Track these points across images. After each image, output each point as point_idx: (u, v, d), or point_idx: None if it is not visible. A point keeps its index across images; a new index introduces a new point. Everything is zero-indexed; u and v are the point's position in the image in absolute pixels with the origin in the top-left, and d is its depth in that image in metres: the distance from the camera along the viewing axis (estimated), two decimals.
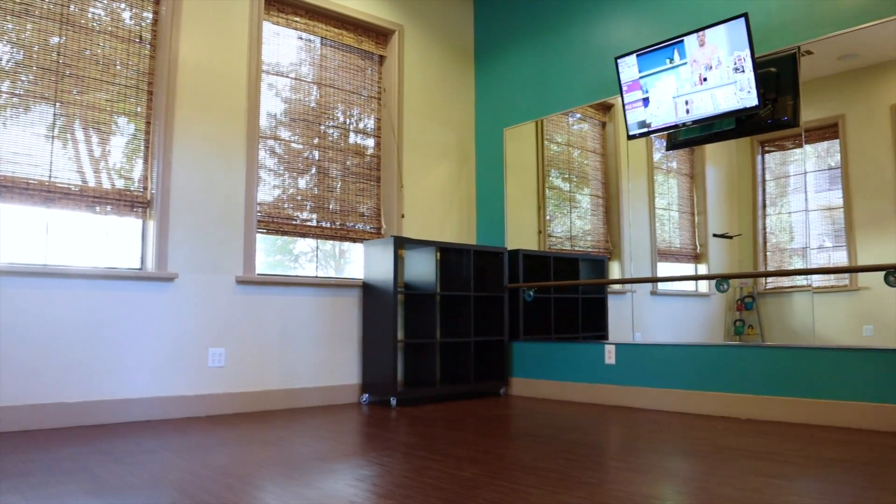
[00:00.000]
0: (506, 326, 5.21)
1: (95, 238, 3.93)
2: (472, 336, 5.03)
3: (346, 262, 5.16)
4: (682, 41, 4.16)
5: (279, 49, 4.79)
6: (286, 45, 4.84)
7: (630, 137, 4.54)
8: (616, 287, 4.82)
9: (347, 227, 5.03)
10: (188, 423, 3.77)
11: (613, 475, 2.46)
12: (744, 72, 3.90)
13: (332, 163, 5.00)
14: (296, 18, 4.85)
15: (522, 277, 5.29)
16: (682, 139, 4.44)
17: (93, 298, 3.78)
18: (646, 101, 4.39)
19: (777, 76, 3.99)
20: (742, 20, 3.86)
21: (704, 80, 4.08)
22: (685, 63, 4.16)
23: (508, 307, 5.32)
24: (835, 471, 2.51)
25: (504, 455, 2.84)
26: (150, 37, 4.19)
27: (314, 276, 4.74)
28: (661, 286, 4.58)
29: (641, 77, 4.39)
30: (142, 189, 4.07)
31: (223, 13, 4.43)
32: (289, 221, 4.72)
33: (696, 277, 4.40)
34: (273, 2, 4.73)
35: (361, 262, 4.93)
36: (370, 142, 5.26)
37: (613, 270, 4.88)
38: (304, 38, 4.94)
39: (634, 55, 4.40)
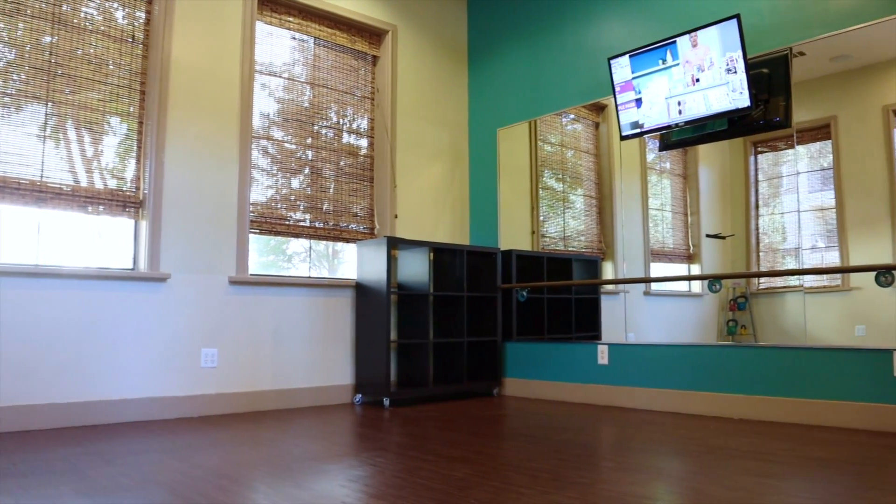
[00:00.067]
0: (499, 327, 5.22)
1: (88, 238, 3.92)
2: (466, 336, 5.04)
3: (340, 263, 5.16)
4: (675, 42, 4.17)
5: (272, 49, 4.79)
6: (279, 45, 4.83)
7: (623, 138, 4.55)
8: (609, 287, 4.82)
9: (341, 228, 5.03)
10: (180, 424, 3.76)
11: (605, 475, 2.46)
12: (736, 73, 3.91)
13: (326, 163, 4.99)
14: (289, 18, 4.84)
15: (515, 278, 5.29)
16: (675, 140, 4.45)
17: (85, 299, 3.76)
18: (638, 102, 4.40)
19: (769, 77, 4.00)
20: (734, 21, 3.87)
21: (697, 81, 4.09)
22: (678, 64, 4.17)
23: (501, 307, 5.32)
24: (826, 471, 2.52)
25: (496, 455, 2.84)
26: (143, 36, 4.18)
27: (307, 277, 4.73)
28: (655, 286, 4.59)
29: (634, 78, 4.40)
30: (134, 189, 4.06)
31: (216, 13, 4.42)
32: (282, 221, 4.71)
33: (689, 278, 4.41)
34: (266, 2, 4.72)
35: (355, 263, 4.93)
36: (363, 142, 5.26)
37: (607, 271, 4.88)
38: (298, 39, 4.94)
39: (627, 56, 4.41)
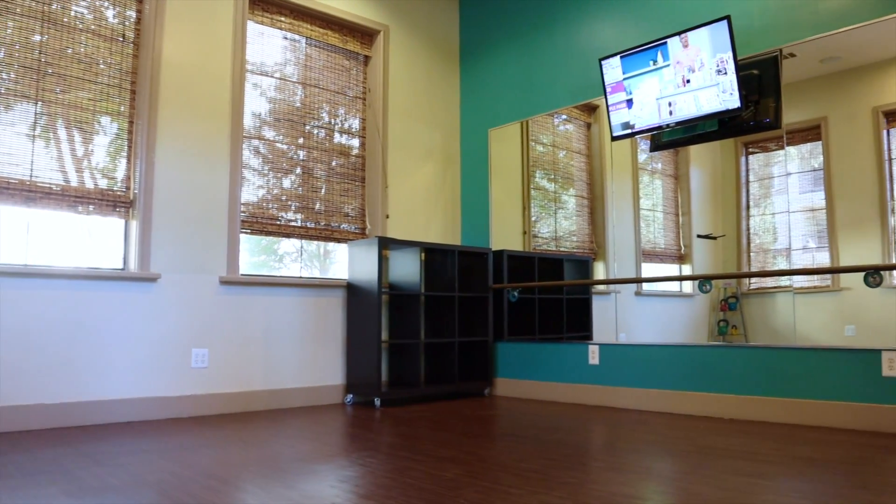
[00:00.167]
0: (490, 327, 5.22)
1: (77, 238, 3.90)
2: (457, 336, 5.04)
3: (331, 263, 5.15)
4: (666, 43, 4.18)
5: (264, 49, 4.78)
6: (271, 45, 4.82)
7: (614, 139, 4.56)
8: (601, 287, 4.84)
9: (332, 228, 5.02)
10: (171, 425, 3.75)
11: (595, 475, 2.47)
12: (726, 74, 3.93)
13: (317, 163, 4.98)
14: (280, 18, 4.83)
15: (507, 278, 5.30)
16: (666, 141, 4.47)
17: (74, 299, 3.75)
18: (629, 103, 4.41)
19: (759, 78, 4.02)
20: (724, 23, 3.88)
21: (687, 82, 4.11)
22: (668, 65, 4.18)
23: (493, 308, 5.33)
24: (815, 470, 2.54)
25: (486, 455, 2.85)
26: (134, 35, 4.16)
27: (298, 277, 4.73)
28: (646, 287, 4.60)
29: (625, 78, 4.41)
30: (124, 189, 4.05)
31: (207, 12, 4.41)
32: (273, 222, 4.70)
33: (681, 278, 4.42)
34: (258, 1, 4.71)
35: (346, 263, 4.93)
36: (355, 142, 5.25)
37: (598, 271, 4.90)
38: (289, 38, 4.93)
39: (618, 57, 4.42)
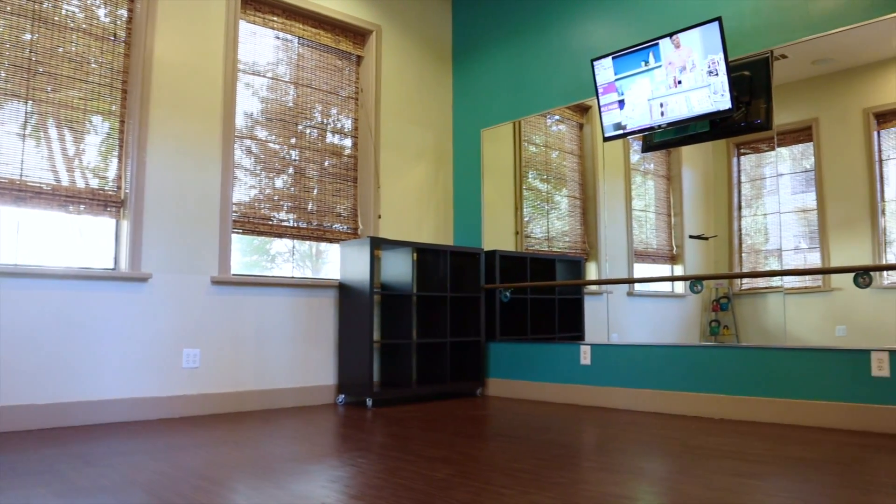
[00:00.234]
0: (482, 327, 5.22)
1: (68, 238, 3.89)
2: (449, 337, 5.04)
3: (323, 263, 5.15)
4: (657, 44, 4.19)
5: (256, 48, 4.77)
6: (263, 45, 4.81)
7: (606, 139, 4.57)
8: (593, 288, 4.84)
9: (324, 228, 5.02)
10: (162, 425, 3.73)
11: (586, 475, 2.47)
12: (717, 75, 3.94)
13: (309, 163, 4.98)
14: (273, 18, 4.83)
15: (499, 278, 5.30)
16: (657, 141, 4.48)
17: (65, 299, 3.73)
18: (621, 104, 4.42)
19: (750, 80, 4.03)
20: (716, 24, 3.90)
21: (679, 83, 4.12)
22: (660, 66, 4.20)
23: (485, 308, 5.33)
24: (805, 470, 2.55)
25: (478, 456, 2.85)
26: (125, 34, 4.15)
27: (290, 277, 4.72)
28: (638, 287, 4.61)
29: (617, 79, 4.42)
30: (115, 188, 4.03)
31: (199, 11, 4.39)
32: (265, 221, 4.69)
33: (672, 279, 4.44)
34: (250, 1, 4.70)
35: (338, 263, 4.92)
36: (347, 142, 5.25)
37: (590, 271, 4.90)
38: (282, 38, 4.92)
39: (610, 57, 4.43)
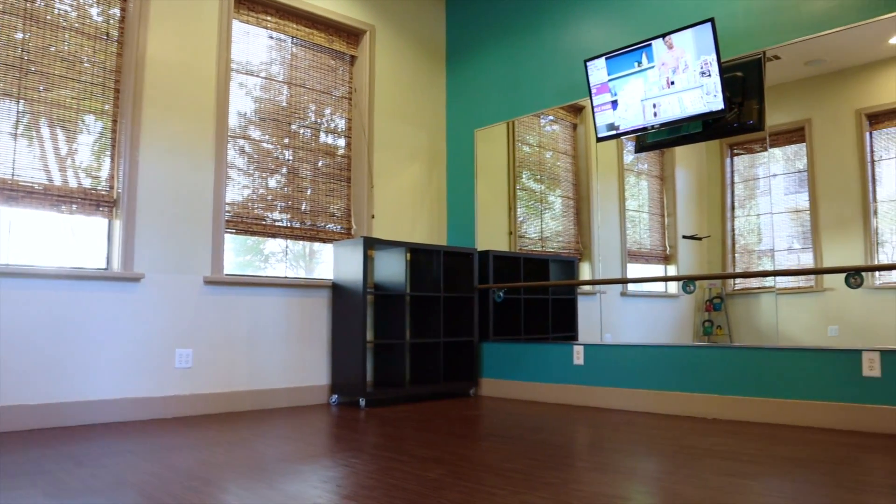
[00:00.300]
0: (475, 327, 5.23)
1: (60, 237, 3.87)
2: (442, 337, 5.04)
3: (317, 263, 5.14)
4: (650, 45, 4.20)
5: (249, 48, 4.76)
6: (256, 44, 4.81)
7: (599, 140, 4.58)
8: (586, 288, 4.85)
9: (317, 228, 5.01)
10: (154, 425, 3.73)
11: (578, 475, 2.48)
12: (710, 76, 3.95)
13: (303, 163, 4.97)
14: (266, 17, 4.82)
15: (492, 278, 5.30)
16: (651, 142, 4.49)
17: (57, 298, 3.72)
18: (614, 104, 4.43)
19: (743, 80, 4.05)
20: (708, 25, 3.91)
21: (672, 84, 4.13)
22: (653, 66, 4.20)
23: (478, 308, 5.33)
24: (797, 469, 2.56)
25: (470, 456, 2.85)
26: (118, 34, 4.13)
27: (283, 277, 4.71)
28: (631, 287, 4.62)
29: (610, 80, 4.43)
30: (108, 188, 4.02)
31: (192, 11, 4.38)
32: (258, 221, 4.68)
33: (666, 279, 4.45)
34: (243, 0, 4.70)
35: (331, 263, 4.92)
36: (341, 142, 5.24)
37: (584, 271, 4.91)
38: (275, 38, 4.91)
39: (603, 58, 4.44)
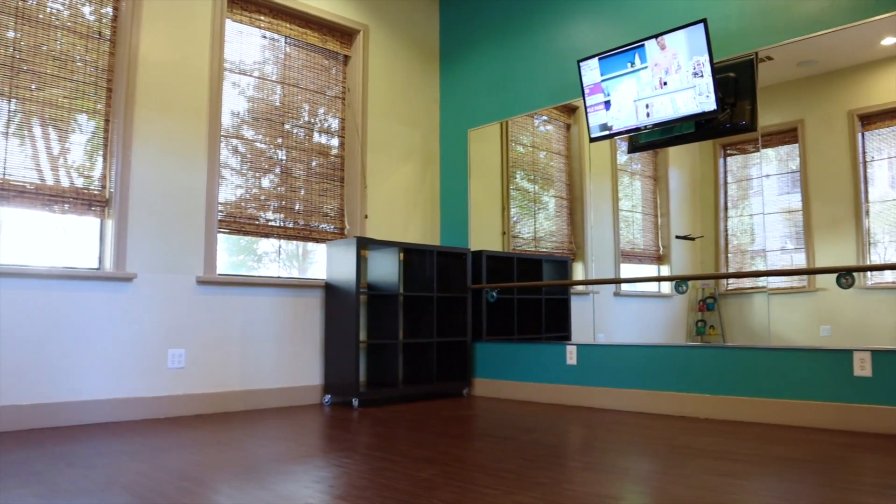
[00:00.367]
0: (469, 327, 5.23)
1: (52, 237, 3.86)
2: (435, 337, 5.04)
3: (310, 263, 5.13)
4: (643, 45, 4.21)
5: (242, 47, 4.75)
6: (250, 44, 4.80)
7: (592, 140, 4.59)
8: (579, 288, 4.86)
9: (311, 228, 5.00)
10: (146, 426, 3.72)
11: (570, 475, 2.48)
12: (703, 76, 3.97)
13: (296, 162, 4.96)
14: (259, 17, 4.81)
15: (486, 278, 5.30)
16: (643, 142, 4.50)
17: (49, 298, 3.70)
18: (607, 105, 4.44)
19: (735, 81, 4.06)
20: (701, 26, 3.92)
21: (664, 84, 4.14)
22: (646, 67, 4.21)
23: (472, 308, 5.33)
24: (789, 469, 2.57)
25: (463, 456, 2.85)
26: (110, 33, 4.12)
27: (276, 277, 4.71)
28: (625, 287, 4.63)
29: (603, 80, 4.44)
30: (100, 187, 4.01)
31: (185, 10, 4.37)
32: (252, 221, 4.68)
33: (659, 279, 4.46)
34: (236, 0, 4.69)
35: (325, 263, 4.91)
36: (334, 141, 5.24)
37: (577, 271, 4.92)
38: (268, 37, 4.90)
39: (596, 58, 4.45)
